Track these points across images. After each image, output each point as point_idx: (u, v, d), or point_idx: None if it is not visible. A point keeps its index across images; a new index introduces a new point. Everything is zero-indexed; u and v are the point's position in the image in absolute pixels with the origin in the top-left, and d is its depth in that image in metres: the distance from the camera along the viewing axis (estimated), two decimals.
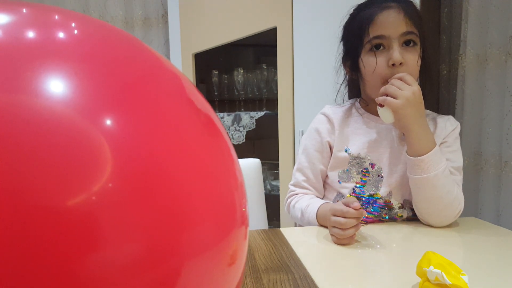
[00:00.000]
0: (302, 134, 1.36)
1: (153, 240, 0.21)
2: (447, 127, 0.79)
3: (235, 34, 1.61)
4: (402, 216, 0.77)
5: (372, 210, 0.77)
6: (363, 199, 0.77)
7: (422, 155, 0.67)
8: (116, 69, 0.25)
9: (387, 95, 0.69)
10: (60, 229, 0.19)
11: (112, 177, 0.21)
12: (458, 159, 0.77)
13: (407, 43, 0.72)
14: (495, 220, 1.07)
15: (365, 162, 0.78)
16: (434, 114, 0.83)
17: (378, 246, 0.62)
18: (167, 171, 0.23)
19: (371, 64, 0.73)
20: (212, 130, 0.29)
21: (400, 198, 0.77)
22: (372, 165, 0.78)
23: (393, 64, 0.71)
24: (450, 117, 0.82)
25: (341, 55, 0.84)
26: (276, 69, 1.45)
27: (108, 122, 0.22)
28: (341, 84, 0.89)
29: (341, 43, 0.84)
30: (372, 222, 0.77)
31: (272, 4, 1.43)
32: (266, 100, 1.84)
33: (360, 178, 0.78)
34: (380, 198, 0.76)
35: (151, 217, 0.22)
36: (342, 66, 0.85)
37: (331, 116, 0.83)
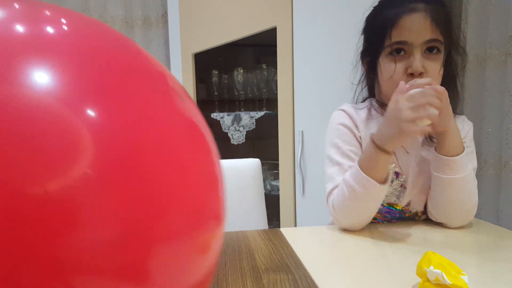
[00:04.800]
0: (302, 134, 1.36)
1: (127, 224, 0.23)
2: (465, 127, 0.75)
3: (235, 34, 1.61)
4: (421, 216, 0.76)
5: (388, 216, 0.75)
6: (381, 206, 0.73)
7: (455, 156, 0.65)
8: (101, 62, 0.26)
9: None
10: (39, 211, 0.20)
11: (91, 164, 0.22)
12: (474, 161, 0.74)
13: (430, 49, 0.66)
14: (494, 220, 1.07)
15: (390, 169, 0.71)
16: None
17: (378, 246, 0.62)
18: (145, 161, 0.24)
19: (389, 70, 0.68)
20: (194, 128, 0.30)
21: (419, 206, 0.74)
22: (397, 174, 0.73)
23: (412, 74, 0.66)
24: (464, 117, 0.78)
25: (360, 49, 0.78)
26: (276, 69, 1.45)
27: (90, 111, 0.23)
28: (359, 82, 0.82)
29: (362, 36, 0.77)
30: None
31: (272, 4, 1.43)
32: (266, 100, 1.84)
33: None
34: (400, 209, 0.74)
35: (126, 203, 0.23)
36: (360, 62, 0.79)
37: (354, 116, 0.76)
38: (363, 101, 0.82)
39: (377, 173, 0.64)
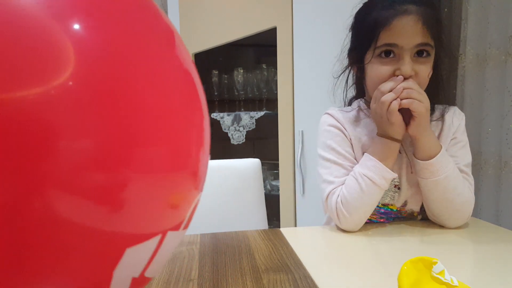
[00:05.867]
0: (302, 134, 1.36)
1: (104, 143, 0.23)
2: (454, 122, 0.74)
3: (235, 34, 1.61)
4: (417, 217, 0.76)
5: (384, 216, 0.75)
6: (377, 208, 0.73)
7: (431, 158, 0.66)
8: None
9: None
10: (18, 118, 0.20)
11: (73, 76, 0.22)
12: (467, 155, 0.73)
13: (419, 53, 0.65)
14: (494, 220, 1.07)
15: None
16: (441, 107, 0.75)
17: (377, 246, 0.62)
18: (128, 85, 0.25)
19: (377, 72, 0.67)
20: (185, 74, 0.31)
21: (415, 206, 0.74)
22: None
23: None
24: (455, 108, 0.76)
25: (348, 46, 0.76)
26: (276, 69, 1.45)
27: (78, 26, 0.23)
28: (346, 82, 0.80)
29: (349, 33, 0.75)
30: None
31: (272, 4, 1.43)
32: (266, 100, 1.84)
33: None
34: (396, 210, 0.74)
35: (105, 121, 0.23)
36: (347, 59, 0.76)
37: (340, 119, 0.76)
38: (350, 103, 0.81)
39: (389, 164, 0.68)
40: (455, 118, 0.75)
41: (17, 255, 0.22)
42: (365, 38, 0.68)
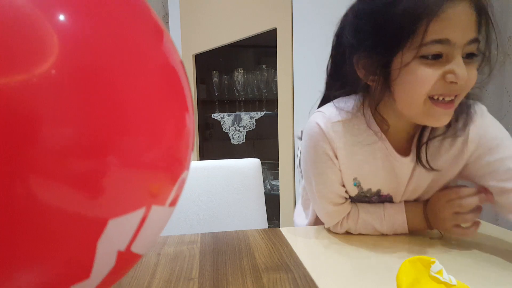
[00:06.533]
0: (302, 134, 1.37)
1: (85, 131, 0.24)
2: (470, 147, 0.60)
3: (235, 35, 1.62)
4: None
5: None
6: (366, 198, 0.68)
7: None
8: None
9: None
10: (1, 103, 0.21)
11: (56, 65, 0.23)
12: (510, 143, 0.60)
13: (469, 56, 0.51)
14: (494, 220, 1.07)
15: (375, 194, 0.66)
16: (464, 117, 0.60)
17: (377, 245, 0.63)
18: (110, 75, 0.25)
19: (421, 76, 0.50)
20: (169, 68, 0.31)
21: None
22: (381, 196, 0.66)
23: (452, 82, 0.50)
24: (475, 120, 0.61)
25: (349, 46, 0.58)
26: (276, 69, 1.46)
27: (62, 15, 0.24)
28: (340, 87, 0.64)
29: (349, 30, 0.58)
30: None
31: (272, 5, 1.43)
32: (266, 101, 1.85)
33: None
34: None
35: (87, 109, 0.24)
36: (351, 65, 0.58)
37: (330, 135, 0.61)
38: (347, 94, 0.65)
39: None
40: (470, 137, 0.60)
41: None
42: (397, 34, 0.50)
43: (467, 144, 0.60)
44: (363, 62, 0.56)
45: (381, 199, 0.67)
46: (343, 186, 0.65)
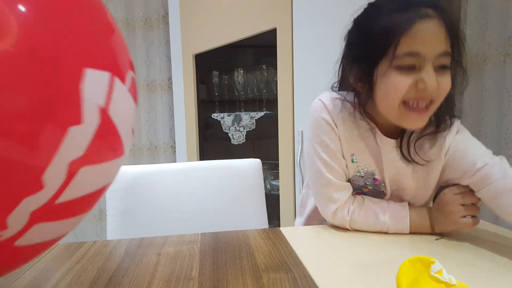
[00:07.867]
0: (302, 134, 1.37)
1: (33, 101, 0.30)
2: (446, 146, 0.67)
3: (235, 35, 1.62)
4: None
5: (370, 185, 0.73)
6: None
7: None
8: None
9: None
10: None
11: (14, 44, 0.29)
12: (479, 149, 0.66)
13: (442, 67, 0.59)
14: (494, 219, 1.08)
15: (370, 176, 0.71)
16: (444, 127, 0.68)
17: (377, 244, 0.63)
18: (56, 55, 0.31)
19: (395, 84, 0.59)
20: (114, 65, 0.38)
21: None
22: (376, 180, 0.71)
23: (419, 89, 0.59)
24: (454, 128, 0.68)
25: (343, 55, 0.68)
26: (276, 69, 1.46)
27: (21, 6, 0.30)
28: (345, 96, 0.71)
29: (346, 39, 0.67)
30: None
31: (272, 5, 1.43)
32: (266, 101, 1.85)
33: (362, 189, 0.73)
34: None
35: (35, 82, 0.30)
36: (343, 71, 0.69)
37: (333, 113, 0.69)
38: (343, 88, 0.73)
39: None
40: (448, 138, 0.68)
41: None
42: (376, 47, 0.59)
43: (444, 146, 0.68)
44: (353, 70, 0.65)
45: (375, 186, 0.71)
46: (344, 158, 0.70)
